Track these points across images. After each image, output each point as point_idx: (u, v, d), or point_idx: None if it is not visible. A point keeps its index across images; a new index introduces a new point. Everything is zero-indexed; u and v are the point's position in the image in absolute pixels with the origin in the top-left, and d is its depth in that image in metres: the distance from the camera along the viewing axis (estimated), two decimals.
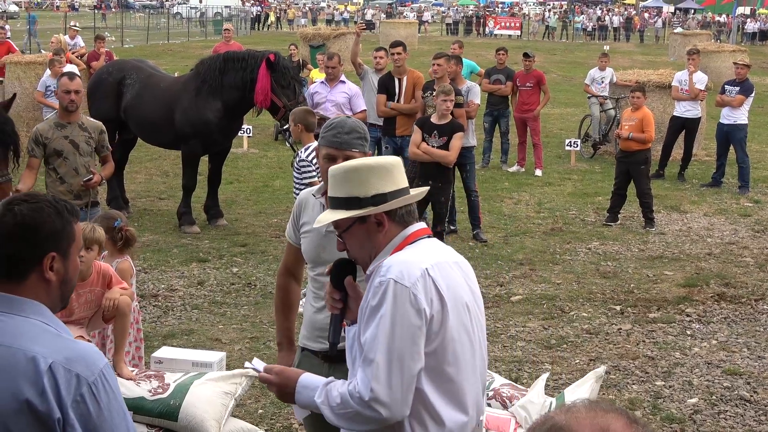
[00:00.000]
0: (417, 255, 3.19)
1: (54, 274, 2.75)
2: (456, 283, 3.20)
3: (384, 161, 3.36)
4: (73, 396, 2.56)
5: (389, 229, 3.30)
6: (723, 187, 14.99)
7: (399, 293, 3.06)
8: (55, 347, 2.61)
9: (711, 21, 66.46)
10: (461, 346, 3.17)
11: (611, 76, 17.75)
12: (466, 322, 3.20)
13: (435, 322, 3.09)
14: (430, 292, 3.09)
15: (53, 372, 2.55)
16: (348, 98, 11.59)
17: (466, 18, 67.11)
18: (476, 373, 3.26)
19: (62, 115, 8.04)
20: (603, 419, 1.76)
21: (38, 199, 2.80)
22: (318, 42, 29.85)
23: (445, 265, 3.21)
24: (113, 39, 41.22)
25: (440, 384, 3.14)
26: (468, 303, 3.24)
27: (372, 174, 3.27)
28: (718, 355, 7.94)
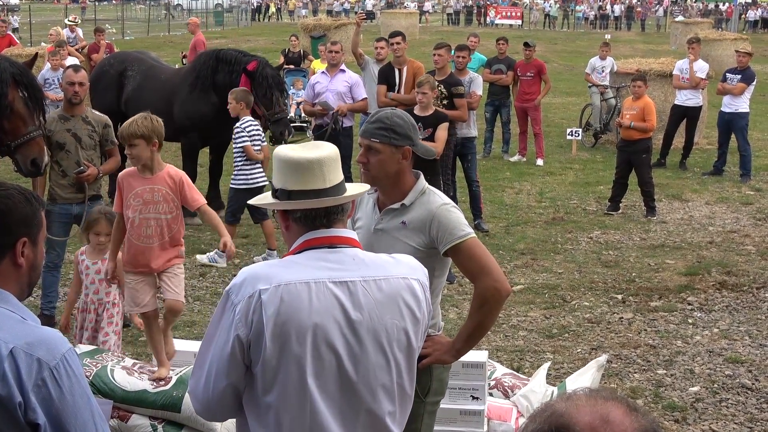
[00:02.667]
0: (272, 270, 2.97)
1: (24, 259, 2.79)
2: (298, 310, 2.89)
3: (301, 156, 3.10)
4: (34, 380, 2.58)
5: (293, 229, 3.13)
6: (724, 176, 14.99)
7: (227, 306, 2.94)
8: (17, 332, 2.63)
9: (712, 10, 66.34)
10: (287, 379, 2.91)
11: (612, 66, 17.74)
12: (298, 351, 2.89)
13: (253, 347, 2.90)
14: (251, 316, 2.88)
15: (14, 356, 2.57)
16: (349, 87, 11.60)
17: (467, 8, 67.00)
18: (307, 407, 2.93)
19: (66, 108, 8.04)
20: (603, 407, 1.76)
21: (7, 187, 2.84)
22: (319, 33, 29.77)
23: (296, 288, 2.91)
24: (114, 31, 41.19)
25: (255, 409, 2.99)
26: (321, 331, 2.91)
27: (284, 168, 3.11)
28: (719, 343, 7.95)
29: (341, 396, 2.98)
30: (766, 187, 14.29)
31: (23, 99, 7.01)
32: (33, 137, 7.08)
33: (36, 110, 7.12)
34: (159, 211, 6.14)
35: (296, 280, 2.93)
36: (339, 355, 2.95)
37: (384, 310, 3.02)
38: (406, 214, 4.21)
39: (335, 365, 2.95)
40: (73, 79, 7.93)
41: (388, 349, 3.03)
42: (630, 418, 1.75)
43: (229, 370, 2.94)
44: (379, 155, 4.12)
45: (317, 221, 3.09)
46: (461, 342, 4.32)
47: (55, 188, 7.91)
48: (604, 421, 1.74)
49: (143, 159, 6.10)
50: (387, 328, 3.02)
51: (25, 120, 7.04)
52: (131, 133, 6.02)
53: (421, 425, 4.34)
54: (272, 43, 38.02)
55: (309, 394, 2.93)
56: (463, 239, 4.14)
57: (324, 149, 3.17)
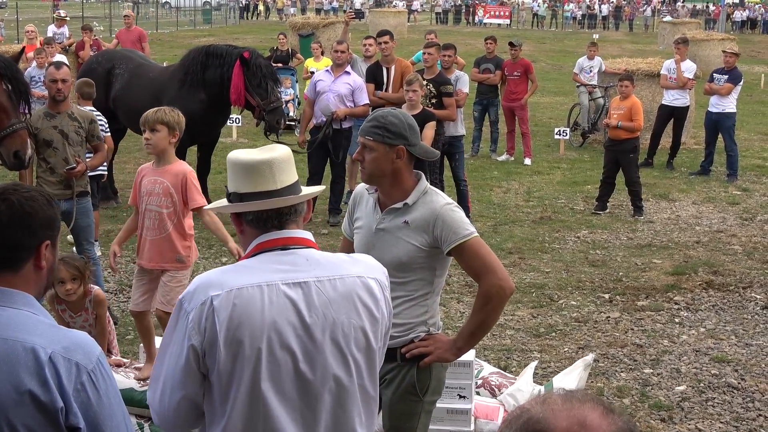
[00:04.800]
0: (224, 276, 2.96)
1: (45, 262, 2.78)
2: (251, 314, 2.89)
3: (251, 159, 3.10)
4: (74, 384, 2.59)
5: (247, 232, 3.12)
6: (711, 176, 15.03)
7: (180, 315, 2.93)
8: (52, 337, 2.63)
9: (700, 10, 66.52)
10: (239, 381, 2.91)
11: (600, 65, 17.77)
12: (252, 357, 2.89)
13: (208, 355, 2.89)
14: (204, 323, 2.87)
15: (53, 362, 2.57)
16: (351, 90, 11.24)
17: (455, 7, 67.01)
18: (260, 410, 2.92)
19: (51, 105, 8.02)
20: (579, 411, 1.74)
21: (28, 189, 2.83)
22: (307, 31, 29.72)
23: (249, 292, 2.91)
24: (101, 29, 41.04)
25: (212, 414, 2.98)
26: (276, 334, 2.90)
27: (235, 171, 3.11)
28: (706, 342, 7.97)
29: (300, 398, 2.97)
30: (753, 187, 14.34)
31: (6, 91, 6.98)
32: (15, 129, 7.04)
33: (20, 103, 7.09)
34: (156, 203, 6.16)
35: (248, 284, 2.92)
36: (295, 357, 2.94)
37: (339, 310, 3.01)
38: (409, 213, 4.21)
39: (292, 368, 2.95)
40: (55, 77, 7.92)
41: (345, 348, 3.01)
42: (607, 420, 1.74)
43: (184, 381, 2.93)
44: (373, 153, 4.13)
45: (269, 223, 3.08)
46: (463, 340, 4.34)
47: (43, 185, 7.89)
48: (581, 425, 1.72)
49: (160, 147, 6.14)
50: (343, 327, 3.01)
51: (8, 113, 7.01)
52: (157, 119, 6.08)
53: (417, 424, 4.36)
54: (260, 42, 37.92)
55: (263, 399, 2.92)
56: (467, 239, 4.16)
57: (275, 151, 3.16)
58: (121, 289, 8.94)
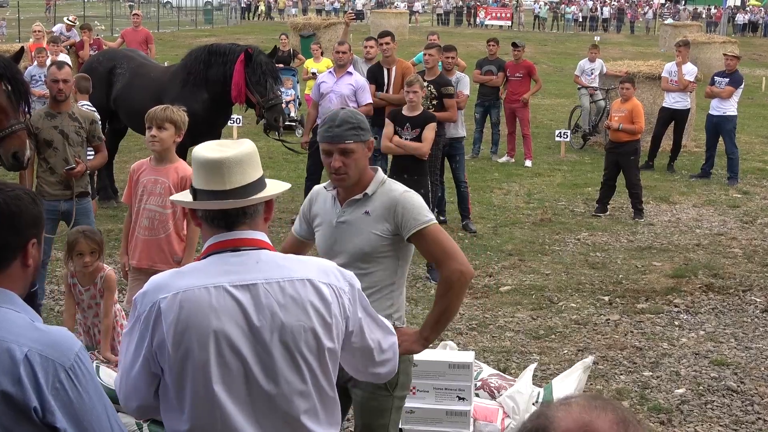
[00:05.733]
0: (173, 278, 2.97)
1: (32, 260, 2.80)
2: (198, 316, 2.89)
3: (208, 158, 3.07)
4: (52, 383, 2.58)
5: (204, 227, 3.12)
6: (712, 179, 15.03)
7: (134, 315, 2.98)
8: (30, 335, 2.62)
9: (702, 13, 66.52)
10: (190, 382, 2.91)
11: (601, 68, 17.77)
12: (202, 357, 2.89)
13: (159, 356, 2.92)
14: (152, 325, 2.91)
15: (30, 361, 2.57)
16: (354, 90, 11.22)
17: (456, 8, 67.01)
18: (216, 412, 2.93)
19: (52, 105, 8.02)
20: (589, 415, 1.73)
21: (13, 188, 2.83)
22: (308, 32, 29.76)
23: (195, 293, 2.91)
24: (103, 28, 41.06)
25: (169, 411, 3.01)
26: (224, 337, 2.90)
27: (194, 166, 3.12)
28: (705, 345, 7.97)
29: (252, 401, 2.97)
30: (754, 190, 14.34)
31: (6, 92, 6.98)
32: (14, 130, 7.04)
33: (20, 104, 7.08)
34: (157, 203, 6.15)
35: (195, 286, 2.92)
36: (245, 360, 2.93)
37: (288, 312, 2.98)
38: (369, 203, 4.25)
39: (242, 370, 2.94)
40: (57, 77, 7.91)
41: (295, 350, 2.99)
42: (615, 429, 1.73)
43: (137, 378, 3.00)
44: (355, 155, 4.14)
45: (216, 222, 3.06)
46: (429, 329, 4.36)
47: (43, 185, 7.89)
48: (583, 429, 1.72)
49: (166, 145, 6.15)
50: (293, 329, 2.97)
51: (8, 113, 7.00)
52: (166, 116, 6.09)
53: (389, 420, 4.40)
54: (262, 42, 37.87)
55: (217, 401, 2.92)
56: (427, 224, 4.21)
57: (234, 149, 3.12)
58: (119, 288, 8.92)
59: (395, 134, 9.63)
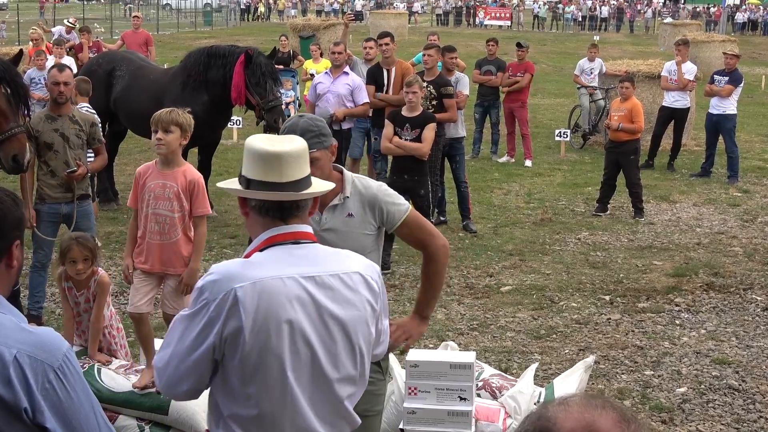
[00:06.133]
0: (244, 268, 3.02)
1: (16, 261, 2.80)
2: (274, 305, 2.97)
3: (265, 149, 3.14)
4: (41, 384, 2.59)
5: (251, 216, 3.19)
6: (712, 177, 15.03)
7: (198, 304, 3.00)
8: (17, 337, 2.62)
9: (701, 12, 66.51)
10: (265, 369, 2.99)
11: (600, 67, 17.76)
12: (278, 345, 2.98)
13: (231, 343, 2.97)
14: (227, 313, 2.94)
15: (19, 362, 2.57)
16: (350, 90, 11.44)
17: (456, 8, 67.03)
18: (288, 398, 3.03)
19: (53, 108, 8.01)
20: (591, 415, 1.73)
21: None
22: (308, 33, 29.75)
23: (270, 283, 2.99)
24: (102, 30, 41.04)
25: (236, 400, 3.06)
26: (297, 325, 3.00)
27: (248, 156, 3.18)
28: (706, 344, 7.97)
29: (314, 386, 3.08)
30: (754, 189, 14.33)
31: (5, 95, 6.98)
32: (14, 133, 7.04)
33: (19, 107, 7.09)
34: (167, 208, 6.11)
35: (269, 276, 3.00)
36: (313, 348, 3.04)
37: (348, 303, 3.12)
38: (349, 205, 4.27)
39: (310, 357, 3.05)
40: (58, 79, 7.90)
41: (354, 339, 3.13)
42: (618, 428, 1.72)
43: (195, 365, 3.02)
44: (320, 162, 4.07)
45: (270, 213, 3.14)
46: (427, 307, 4.56)
47: (44, 188, 7.89)
48: (587, 429, 1.72)
49: (172, 148, 6.11)
50: (353, 319, 3.12)
51: (7, 116, 7.01)
52: (171, 120, 6.05)
53: (383, 407, 4.54)
54: (261, 43, 37.86)
55: (289, 387, 3.02)
56: (407, 212, 4.33)
57: (291, 144, 3.21)
58: (121, 291, 8.93)
59: (395, 135, 9.63)
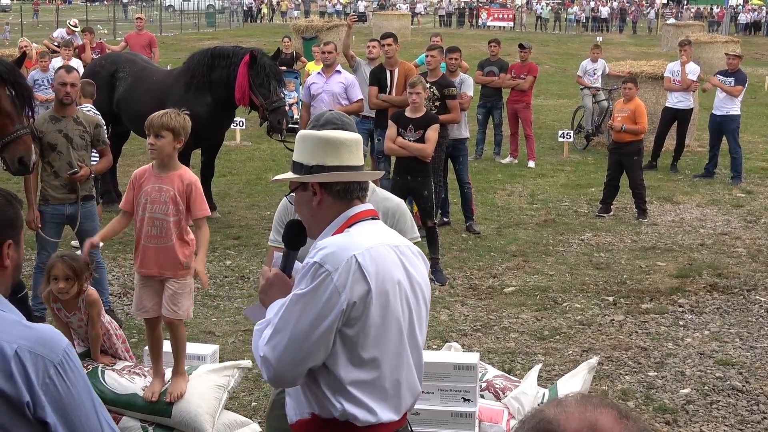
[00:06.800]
0: (352, 239, 3.19)
1: (9, 260, 2.80)
2: (388, 268, 3.18)
3: (336, 136, 3.37)
4: (42, 379, 2.60)
5: (327, 202, 3.31)
6: (715, 178, 15.02)
7: (318, 277, 3.07)
8: (17, 333, 2.64)
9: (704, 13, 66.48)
10: (386, 330, 3.17)
11: (603, 68, 17.75)
12: (395, 306, 3.19)
13: (356, 308, 3.09)
14: (352, 279, 3.07)
15: (20, 357, 2.58)
16: (344, 88, 11.56)
17: (458, 9, 67.03)
18: (403, 356, 3.26)
19: (58, 108, 8.01)
20: (592, 414, 1.74)
21: None
22: (311, 34, 29.75)
23: (379, 249, 3.19)
24: (105, 32, 41.10)
25: (358, 366, 3.16)
26: (403, 288, 3.23)
27: (318, 145, 3.32)
28: (710, 345, 7.96)
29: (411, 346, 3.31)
30: (757, 190, 14.32)
31: (10, 97, 6.99)
32: (20, 135, 7.06)
33: (24, 108, 7.10)
34: (164, 212, 6.07)
35: (376, 244, 3.20)
36: (411, 310, 3.28)
37: (421, 272, 3.36)
38: None
39: (408, 319, 3.27)
40: (65, 80, 7.90)
41: (423, 305, 3.37)
42: (620, 425, 1.73)
43: (319, 341, 3.09)
44: None
45: (354, 194, 3.34)
46: None
47: (48, 189, 7.89)
48: (591, 428, 1.72)
49: (165, 153, 6.02)
50: (422, 285, 3.36)
51: (12, 118, 7.02)
52: (162, 124, 5.93)
53: None
54: (264, 45, 37.89)
55: (404, 345, 3.26)
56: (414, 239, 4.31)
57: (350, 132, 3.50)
58: (124, 292, 8.94)
59: (398, 135, 9.62)
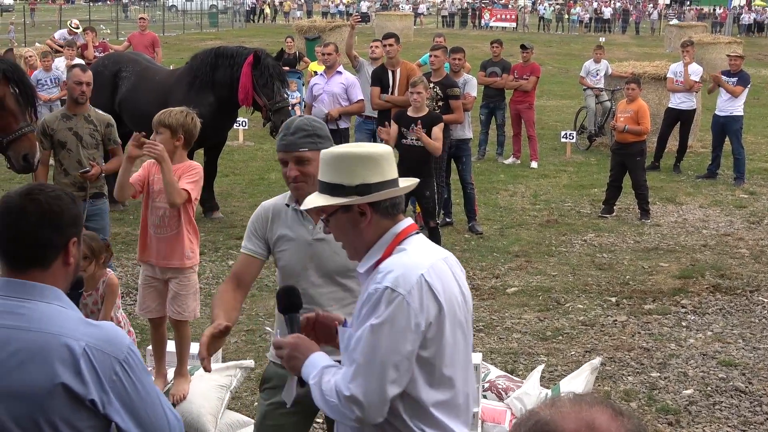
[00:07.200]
0: (412, 258, 3.08)
1: (73, 258, 2.88)
2: (450, 283, 3.12)
3: (373, 151, 3.21)
4: (109, 376, 2.70)
5: (374, 221, 3.17)
6: (718, 179, 15.01)
7: (393, 302, 2.97)
8: (84, 330, 2.74)
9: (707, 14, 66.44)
10: (456, 345, 3.12)
11: (606, 68, 17.73)
12: (460, 318, 3.15)
13: (432, 328, 3.02)
14: (426, 299, 3.00)
15: (88, 354, 2.68)
16: (344, 88, 11.60)
17: (461, 10, 67.04)
18: (469, 369, 3.24)
19: (70, 107, 8.05)
20: (588, 413, 1.75)
21: (53, 188, 2.93)
22: (313, 34, 29.79)
23: (438, 265, 3.11)
24: (108, 32, 41.12)
25: (437, 387, 3.09)
26: (459, 300, 3.17)
27: (359, 163, 3.14)
28: (713, 346, 7.95)
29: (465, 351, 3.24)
30: (760, 191, 14.31)
31: (14, 95, 7.03)
32: (24, 133, 7.11)
33: (27, 106, 7.14)
34: (164, 200, 6.09)
35: (435, 260, 3.13)
36: (465, 326, 3.21)
37: (464, 281, 3.29)
38: None
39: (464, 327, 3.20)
40: (81, 79, 7.95)
41: (471, 314, 3.29)
42: (616, 422, 1.74)
43: (406, 361, 3.01)
44: (311, 163, 3.98)
45: (398, 207, 3.23)
46: None
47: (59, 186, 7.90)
48: (589, 428, 1.72)
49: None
50: (468, 294, 3.28)
51: (17, 116, 7.06)
52: (159, 121, 6.01)
53: None
54: (267, 45, 37.88)
55: (470, 357, 3.25)
56: None
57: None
58: (127, 291, 8.93)
59: (402, 136, 9.64)
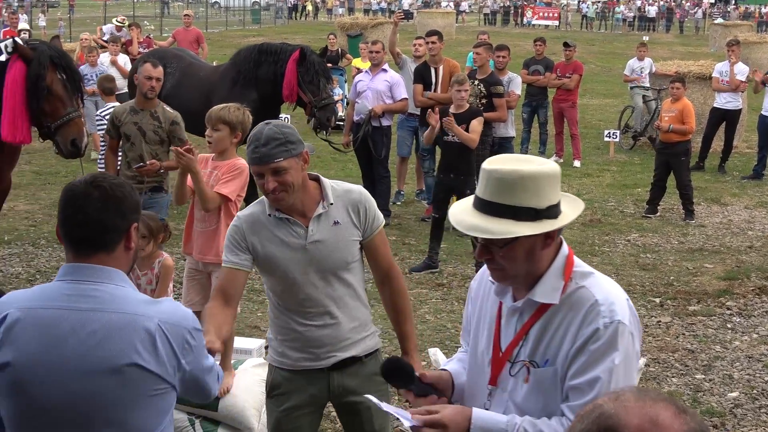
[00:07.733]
0: (607, 282, 2.88)
1: (134, 243, 3.00)
2: None
3: (555, 168, 2.88)
4: (182, 345, 2.92)
5: (553, 245, 2.88)
6: (764, 180, 14.84)
7: (623, 336, 2.75)
8: (153, 308, 2.91)
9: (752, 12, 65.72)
10: None
11: (650, 66, 17.60)
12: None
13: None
14: (637, 325, 2.84)
15: (162, 329, 2.87)
16: (389, 86, 11.61)
17: (503, 8, 66.80)
18: None
19: (139, 101, 8.15)
20: (652, 409, 1.74)
21: (114, 177, 3.09)
22: (356, 31, 29.79)
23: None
24: (152, 28, 41.46)
25: None
26: None
27: (547, 182, 2.81)
28: (759, 348, 7.86)
29: None
30: None
31: (62, 81, 7.14)
32: (71, 118, 7.24)
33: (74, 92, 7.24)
34: None
35: None
36: None
37: None
38: (334, 213, 4.07)
39: None
40: (151, 74, 8.04)
41: None
42: (679, 420, 1.73)
43: None
44: (289, 172, 3.88)
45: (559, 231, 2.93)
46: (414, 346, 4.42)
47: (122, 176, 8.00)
48: (653, 423, 1.72)
49: (221, 146, 6.09)
50: None
51: (64, 101, 7.19)
52: (219, 117, 6.03)
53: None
54: (309, 41, 37.93)
55: None
56: (382, 224, 4.22)
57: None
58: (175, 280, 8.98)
59: (444, 134, 9.64)
